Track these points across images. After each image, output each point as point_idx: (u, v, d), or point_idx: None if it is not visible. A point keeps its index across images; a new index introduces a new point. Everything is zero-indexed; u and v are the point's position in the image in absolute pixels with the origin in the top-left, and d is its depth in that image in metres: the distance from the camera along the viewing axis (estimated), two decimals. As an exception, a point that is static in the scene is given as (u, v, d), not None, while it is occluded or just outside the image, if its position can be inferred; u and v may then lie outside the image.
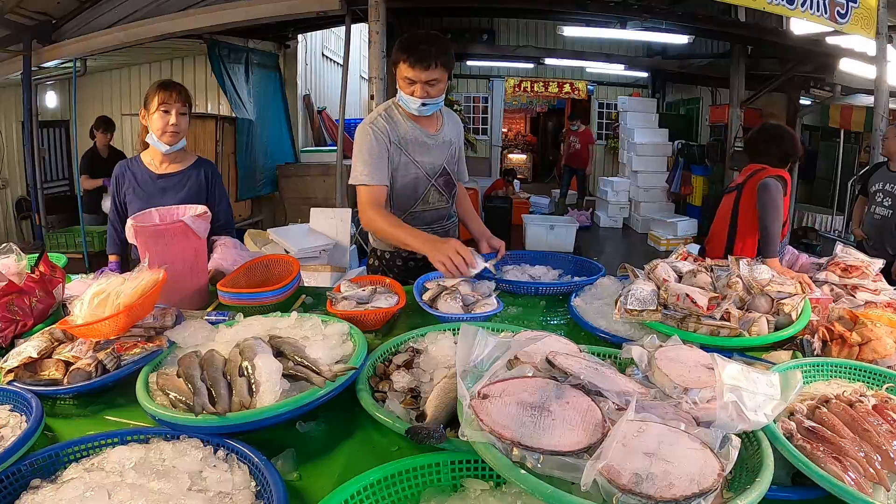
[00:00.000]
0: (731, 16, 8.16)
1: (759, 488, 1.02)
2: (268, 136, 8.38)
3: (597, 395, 1.15)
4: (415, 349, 1.64)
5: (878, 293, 2.23)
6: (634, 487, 0.93)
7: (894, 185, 4.72)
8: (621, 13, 7.31)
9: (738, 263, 1.99)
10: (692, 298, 1.78)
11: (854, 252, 2.43)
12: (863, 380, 1.63)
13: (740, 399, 1.16)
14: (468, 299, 2.08)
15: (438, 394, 1.31)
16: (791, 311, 1.81)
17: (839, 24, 5.82)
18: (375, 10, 5.48)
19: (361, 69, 11.43)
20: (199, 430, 1.25)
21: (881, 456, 1.26)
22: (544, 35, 12.17)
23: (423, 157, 2.62)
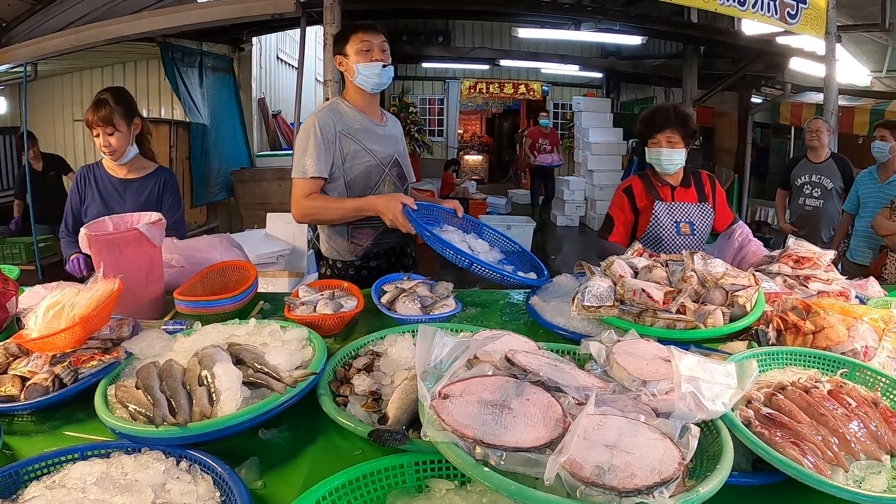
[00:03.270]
0: (684, 17, 8.35)
1: (720, 475, 1.04)
2: (222, 140, 8.25)
3: (556, 391, 1.16)
4: (375, 352, 1.64)
5: (830, 283, 2.30)
6: (597, 479, 0.94)
7: (821, 176, 4.93)
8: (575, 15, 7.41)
9: (693, 258, 2.03)
10: (648, 293, 1.81)
11: (806, 244, 2.49)
12: (817, 366, 1.68)
13: (698, 389, 1.19)
14: (426, 301, 2.08)
15: (400, 396, 1.31)
16: (745, 303, 1.86)
17: (789, 24, 5.98)
18: (330, 13, 5.45)
19: (317, 72, 11.33)
20: (161, 441, 1.23)
21: (838, 439, 1.30)
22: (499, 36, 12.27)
23: (374, 146, 2.59)
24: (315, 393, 1.43)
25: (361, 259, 2.67)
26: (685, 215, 2.85)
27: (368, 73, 2.53)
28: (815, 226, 4.97)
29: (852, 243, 4.61)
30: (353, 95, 2.63)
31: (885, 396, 1.55)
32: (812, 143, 5.06)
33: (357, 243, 2.66)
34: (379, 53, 2.53)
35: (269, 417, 1.32)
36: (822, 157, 5.05)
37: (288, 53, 10.59)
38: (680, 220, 2.83)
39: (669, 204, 2.86)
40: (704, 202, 2.91)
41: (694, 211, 2.88)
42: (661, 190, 2.88)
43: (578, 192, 11.92)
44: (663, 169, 2.84)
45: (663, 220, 2.83)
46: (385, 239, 2.69)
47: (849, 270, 4.38)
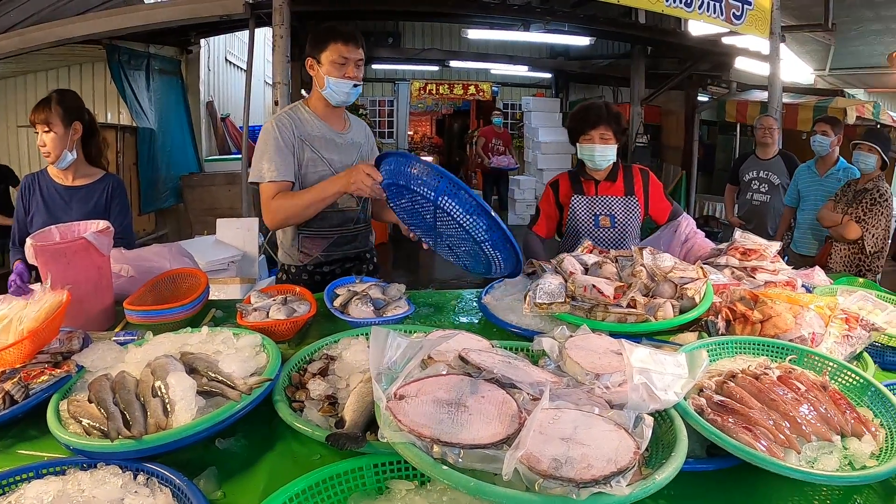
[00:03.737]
0: (632, 18, 8.50)
1: (676, 462, 1.07)
2: (170, 145, 8.04)
3: (511, 388, 1.17)
4: (329, 356, 1.63)
5: (776, 273, 2.37)
6: (554, 472, 0.95)
7: (768, 172, 5.10)
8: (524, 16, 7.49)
9: (642, 253, 2.08)
10: (599, 289, 1.85)
11: (752, 236, 2.56)
12: (766, 354, 1.74)
13: (650, 380, 1.21)
14: (379, 303, 2.08)
15: (355, 399, 1.31)
16: (694, 295, 1.91)
17: (735, 25, 6.14)
18: (280, 14, 5.38)
19: (266, 74, 11.17)
20: (116, 455, 1.20)
21: (789, 422, 1.35)
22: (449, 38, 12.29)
23: (331, 155, 2.54)
24: (271, 399, 1.42)
25: (314, 265, 2.65)
26: (606, 208, 2.91)
27: (337, 90, 2.47)
28: (762, 220, 5.12)
29: (796, 235, 4.76)
30: (317, 102, 2.57)
31: (833, 380, 1.61)
32: (764, 139, 5.20)
33: (307, 252, 2.64)
34: (353, 70, 2.45)
35: (225, 426, 1.30)
36: (770, 153, 5.20)
37: (236, 55, 10.39)
38: (600, 213, 2.89)
39: (590, 198, 2.92)
40: (631, 196, 2.97)
41: (617, 204, 2.94)
42: (584, 185, 2.95)
43: (529, 191, 11.97)
44: (595, 164, 2.89)
45: (581, 214, 2.90)
46: (336, 250, 2.67)
47: (794, 261, 4.52)
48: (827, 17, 6.76)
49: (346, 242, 2.70)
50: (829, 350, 1.83)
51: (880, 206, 3.85)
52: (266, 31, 7.11)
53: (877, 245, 3.86)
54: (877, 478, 1.22)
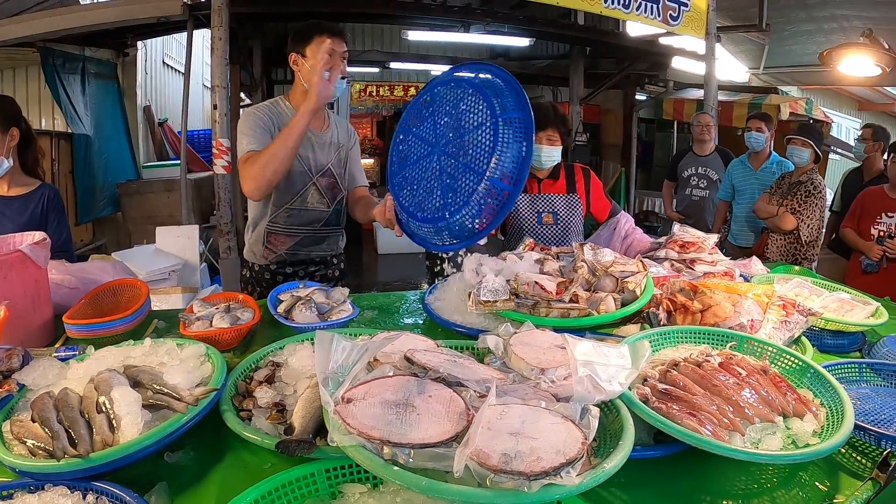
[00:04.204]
0: (571, 19, 8.65)
1: (623, 450, 1.10)
2: (107, 151, 7.76)
3: (458, 386, 1.18)
4: (275, 363, 1.61)
5: (714, 264, 2.45)
6: (505, 466, 0.96)
7: (706, 168, 5.27)
8: (465, 17, 7.52)
9: (583, 249, 2.12)
10: (541, 285, 1.88)
11: (690, 230, 2.65)
12: (707, 342, 1.79)
13: (594, 372, 1.24)
14: (323, 307, 2.07)
15: (304, 404, 1.30)
16: (635, 288, 1.95)
17: (671, 25, 6.30)
18: (218, 16, 5.25)
19: (204, 77, 10.89)
20: (64, 476, 1.16)
21: (732, 406, 1.40)
22: (389, 39, 12.23)
23: (305, 152, 2.51)
24: (218, 410, 1.39)
25: (277, 264, 2.62)
26: (549, 206, 2.97)
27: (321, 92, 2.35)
28: (701, 214, 5.28)
29: (733, 228, 4.92)
30: (299, 98, 2.46)
31: (773, 364, 1.67)
32: (701, 136, 5.35)
33: (272, 248, 2.61)
34: (340, 63, 2.39)
35: (173, 439, 1.27)
36: (707, 150, 5.35)
37: (174, 58, 10.14)
38: (542, 211, 2.95)
39: (532, 196, 2.98)
40: (573, 193, 3.03)
41: (559, 202, 3.00)
42: (527, 183, 2.97)
43: None
44: (541, 164, 2.93)
45: (524, 212, 2.95)
46: (302, 250, 2.65)
47: (732, 253, 4.65)
48: (761, 18, 7.00)
49: (313, 243, 2.68)
50: (768, 336, 1.90)
51: (814, 197, 4.01)
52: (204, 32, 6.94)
53: (812, 234, 4.02)
54: (820, 454, 1.28)
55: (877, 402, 1.73)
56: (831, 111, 12.17)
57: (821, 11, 7.22)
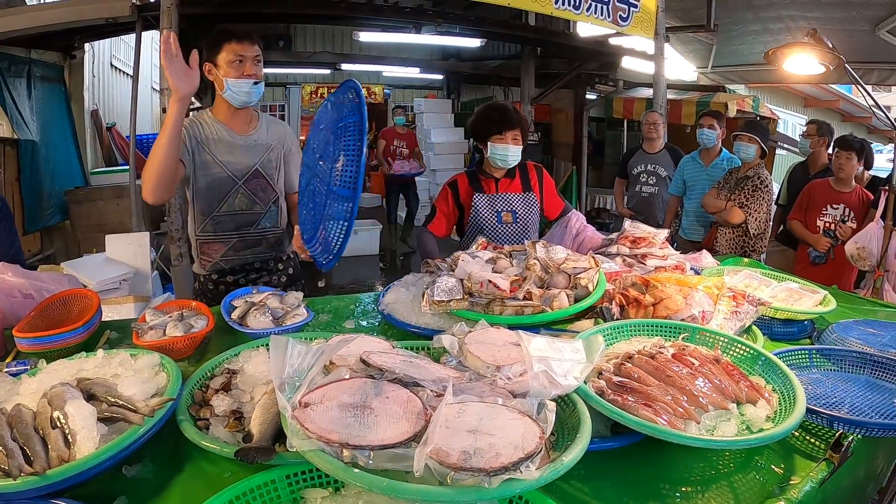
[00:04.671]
0: (522, 20, 8.71)
1: (581, 443, 1.12)
2: (54, 158, 7.47)
3: (414, 386, 1.19)
4: (230, 370, 1.60)
5: (665, 258, 2.50)
6: (464, 464, 0.98)
7: (655, 165, 5.36)
8: (416, 18, 7.49)
9: (535, 247, 2.15)
10: (495, 283, 1.90)
11: (641, 225, 2.70)
12: (660, 334, 1.84)
13: (549, 368, 1.26)
14: (277, 312, 2.05)
15: (261, 411, 1.29)
16: (587, 284, 1.99)
17: (621, 26, 6.38)
18: (168, 17, 5.12)
19: (153, 80, 10.61)
20: (21, 494, 1.12)
21: (687, 396, 1.44)
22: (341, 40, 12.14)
23: (226, 157, 2.49)
24: (175, 420, 1.37)
25: (217, 273, 2.59)
26: (507, 205, 3.00)
27: (237, 90, 2.42)
28: (651, 210, 5.36)
29: (684, 222, 5.03)
30: (220, 107, 2.52)
31: (725, 353, 1.73)
32: (650, 134, 5.44)
33: (206, 259, 2.58)
34: (252, 67, 2.42)
35: (130, 452, 1.25)
36: (657, 147, 5.44)
37: (123, 61, 9.78)
38: (502, 210, 2.97)
39: (491, 195, 3.00)
40: (529, 192, 3.07)
41: (517, 200, 3.03)
42: (484, 183, 3.01)
43: (423, 191, 11.94)
44: (506, 164, 2.95)
45: (483, 212, 2.96)
46: (236, 255, 2.61)
47: (683, 247, 4.75)
48: (709, 18, 7.14)
49: (248, 247, 2.64)
50: (720, 326, 1.96)
51: (761, 191, 4.12)
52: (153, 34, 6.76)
53: (760, 227, 4.14)
54: (774, 438, 1.33)
55: (827, 386, 1.80)
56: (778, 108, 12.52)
57: (767, 12, 7.42)
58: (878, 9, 6.46)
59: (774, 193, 4.77)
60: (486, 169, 3.04)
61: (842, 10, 6.72)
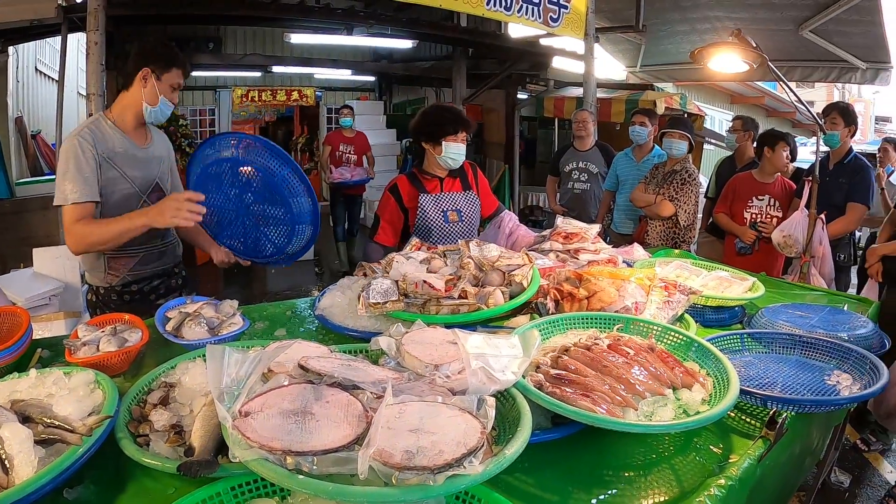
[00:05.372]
0: (454, 21, 8.74)
1: (523, 436, 1.15)
2: (-24, 168, 7.11)
3: (354, 389, 1.20)
4: (168, 383, 1.57)
5: (598, 252, 2.57)
6: (408, 463, 0.99)
7: (587, 162, 5.50)
8: (348, 20, 7.42)
9: (468, 245, 2.18)
10: (430, 283, 1.92)
11: (573, 221, 2.77)
12: (595, 326, 1.90)
13: (487, 364, 1.29)
14: (213, 322, 2.03)
15: (202, 423, 1.27)
16: (522, 280, 2.02)
17: (552, 27, 6.48)
18: (94, 18, 4.89)
19: (79, 85, 10.17)
20: (-40, 526, 1.08)
21: (624, 384, 1.50)
22: (272, 42, 11.88)
23: (134, 172, 2.46)
24: (114, 438, 1.34)
25: (122, 285, 2.54)
26: (452, 204, 3.04)
27: (164, 110, 2.46)
28: (584, 206, 5.49)
29: (616, 217, 5.17)
30: (126, 115, 2.46)
31: (659, 341, 1.80)
32: (580, 132, 5.56)
33: (114, 273, 2.53)
34: (176, 95, 2.48)
35: (70, 474, 1.21)
36: (587, 145, 5.57)
37: (48, 64, 9.40)
38: (447, 210, 3.01)
39: (436, 195, 3.03)
40: (469, 190, 3.12)
41: (460, 199, 3.08)
42: (427, 184, 3.03)
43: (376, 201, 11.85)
44: (457, 164, 2.99)
45: (430, 212, 2.98)
46: (144, 268, 2.59)
47: (615, 241, 4.89)
48: (638, 19, 7.32)
49: (155, 260, 2.62)
50: (653, 315, 2.03)
51: (690, 185, 4.28)
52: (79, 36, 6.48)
53: (689, 219, 4.28)
54: (710, 419, 1.39)
55: (760, 367, 1.91)
56: (705, 105, 12.99)
57: (694, 13, 7.69)
58: (801, 10, 6.76)
59: (703, 186, 4.94)
60: (427, 169, 3.06)
61: (767, 11, 7.01)
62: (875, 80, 7.44)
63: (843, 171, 4.00)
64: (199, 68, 10.81)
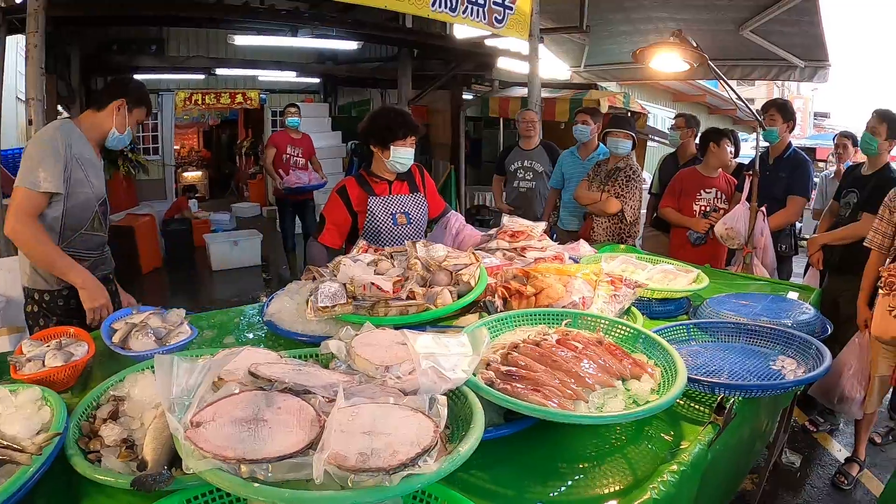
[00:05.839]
0: (399, 22, 8.72)
1: (476, 433, 1.17)
2: None
3: (306, 394, 1.20)
4: (117, 397, 1.55)
5: (544, 250, 2.62)
6: (363, 465, 1.00)
7: (531, 161, 5.58)
8: (292, 21, 7.32)
9: (415, 246, 2.20)
10: (378, 285, 1.93)
11: (519, 219, 2.81)
12: (544, 322, 1.94)
13: (437, 363, 1.31)
14: (160, 332, 2.01)
15: (153, 436, 1.26)
16: (469, 279, 2.05)
17: (497, 28, 6.53)
18: (35, 20, 4.67)
19: (18, 90, 9.78)
20: None
21: (573, 378, 1.54)
22: (216, 44, 11.64)
23: (94, 180, 2.59)
24: (64, 455, 1.31)
25: (68, 289, 2.51)
26: (401, 207, 3.06)
27: (123, 140, 2.67)
28: (529, 205, 5.55)
29: (562, 214, 5.25)
30: (94, 133, 2.62)
31: (607, 334, 1.85)
32: (527, 132, 5.64)
33: None
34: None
35: (22, 495, 1.19)
36: (532, 144, 5.64)
37: None
38: (396, 212, 3.02)
39: (385, 198, 3.04)
40: (417, 192, 3.15)
41: (409, 202, 3.10)
42: (376, 187, 3.04)
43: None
44: (405, 167, 3.01)
45: (379, 215, 2.99)
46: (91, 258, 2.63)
47: (562, 238, 4.99)
48: (582, 20, 7.41)
49: (98, 266, 2.67)
50: (600, 310, 2.09)
51: (634, 181, 4.38)
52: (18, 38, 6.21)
53: (634, 214, 4.39)
54: (660, 408, 1.44)
55: (706, 356, 1.97)
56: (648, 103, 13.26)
57: (637, 14, 7.83)
58: (741, 10, 6.93)
59: (646, 183, 5.06)
60: (376, 172, 3.06)
61: (708, 12, 7.18)
62: (813, 78, 7.69)
63: (783, 165, 4.13)
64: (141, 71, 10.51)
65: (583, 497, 1.33)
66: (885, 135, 3.52)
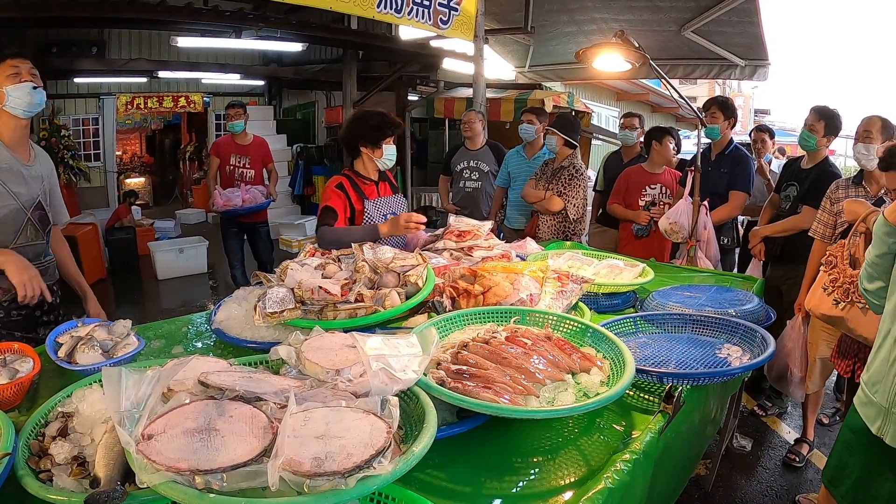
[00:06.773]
0: (344, 24, 8.67)
1: (429, 432, 1.19)
2: None
3: (257, 401, 1.20)
4: (65, 413, 1.50)
5: (491, 248, 2.66)
6: (318, 469, 1.01)
7: (478, 161, 5.63)
8: (237, 23, 7.20)
9: (362, 248, 2.21)
10: (325, 289, 1.93)
11: (465, 219, 2.85)
12: (492, 320, 1.97)
13: (387, 364, 1.33)
14: (107, 344, 1.97)
15: (104, 451, 1.24)
16: (417, 280, 2.08)
17: (442, 29, 6.56)
18: None
19: None
20: None
21: (524, 374, 1.58)
22: (158, 47, 11.35)
23: (18, 188, 2.42)
24: (15, 476, 1.27)
25: (10, 300, 2.43)
26: (389, 208, 3.12)
27: (19, 95, 2.38)
28: (476, 204, 5.62)
29: (509, 213, 5.32)
30: (4, 128, 2.42)
31: (555, 330, 1.90)
32: (467, 133, 5.69)
33: (4, 288, 2.41)
34: (28, 76, 2.40)
35: None
36: (478, 144, 5.69)
37: None
38: (387, 214, 3.07)
39: (375, 201, 3.09)
40: (397, 193, 3.24)
41: (394, 203, 3.17)
42: (366, 189, 3.08)
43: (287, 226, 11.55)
44: (391, 164, 3.11)
45: (375, 218, 3.03)
46: None
47: (508, 236, 5.07)
48: (527, 21, 7.53)
49: (43, 274, 2.53)
50: (548, 306, 2.13)
51: (577, 179, 4.47)
52: None
53: (578, 212, 4.47)
54: (610, 399, 1.48)
55: (654, 347, 2.03)
56: (592, 102, 13.53)
57: (581, 15, 7.97)
58: (683, 12, 7.13)
59: (591, 180, 5.17)
60: (362, 172, 3.11)
61: (650, 13, 7.36)
62: (753, 76, 7.95)
63: (725, 161, 4.26)
64: (81, 74, 10.17)
65: (539, 490, 1.36)
66: (823, 131, 3.66)
